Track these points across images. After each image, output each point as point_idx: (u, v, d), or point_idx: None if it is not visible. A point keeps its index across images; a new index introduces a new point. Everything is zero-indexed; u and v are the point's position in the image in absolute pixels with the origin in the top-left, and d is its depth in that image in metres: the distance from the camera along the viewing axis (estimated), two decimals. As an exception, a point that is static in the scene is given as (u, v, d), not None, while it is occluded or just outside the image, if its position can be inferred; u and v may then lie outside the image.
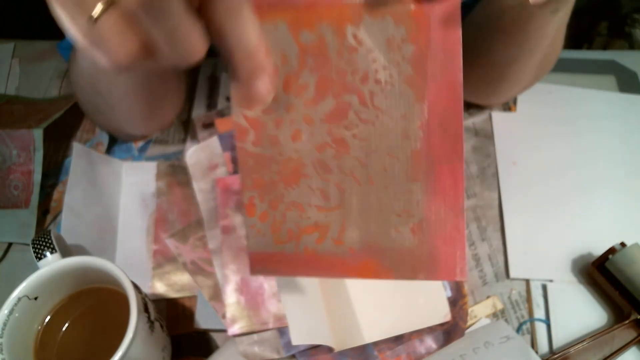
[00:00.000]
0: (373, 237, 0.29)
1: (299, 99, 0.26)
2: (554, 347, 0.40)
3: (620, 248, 0.41)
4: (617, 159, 0.51)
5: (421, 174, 0.27)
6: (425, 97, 0.25)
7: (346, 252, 0.29)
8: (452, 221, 0.27)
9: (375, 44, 0.25)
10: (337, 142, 0.27)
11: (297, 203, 0.28)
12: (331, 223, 0.29)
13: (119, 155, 0.53)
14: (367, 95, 0.26)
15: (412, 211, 0.27)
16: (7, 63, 0.64)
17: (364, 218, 0.28)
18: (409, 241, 0.28)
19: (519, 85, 0.48)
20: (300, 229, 0.29)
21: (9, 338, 0.32)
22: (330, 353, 0.39)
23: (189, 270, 0.44)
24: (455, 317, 0.40)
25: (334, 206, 0.28)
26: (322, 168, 0.28)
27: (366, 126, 0.26)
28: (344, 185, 0.28)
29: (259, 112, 0.27)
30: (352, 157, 0.27)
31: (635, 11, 0.90)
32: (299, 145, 0.27)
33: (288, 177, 0.28)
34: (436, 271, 0.28)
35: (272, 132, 0.27)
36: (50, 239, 0.36)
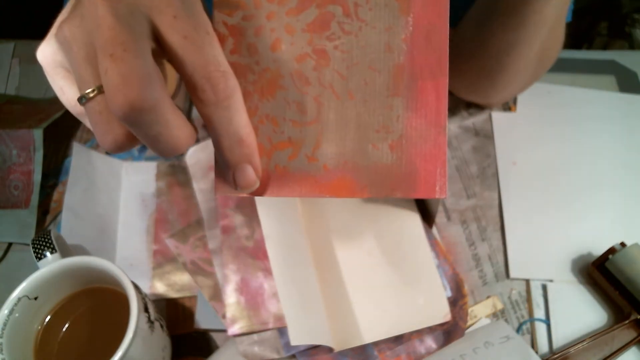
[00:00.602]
0: (349, 153, 0.27)
1: (281, 7, 0.26)
2: (554, 347, 0.40)
3: (620, 248, 0.41)
4: (617, 159, 0.51)
5: (403, 89, 0.26)
6: (411, 10, 0.25)
7: (320, 169, 0.28)
8: (433, 138, 0.26)
9: None
10: (317, 53, 0.26)
11: (271, 116, 0.27)
12: (306, 138, 0.27)
13: (119, 155, 0.53)
14: (351, 6, 0.25)
15: (391, 127, 0.27)
16: (7, 63, 0.64)
17: (340, 133, 0.27)
18: (387, 158, 0.27)
19: (518, 79, 0.47)
20: (272, 145, 0.27)
21: (9, 338, 0.32)
22: (330, 353, 0.39)
23: (189, 270, 0.44)
24: (455, 317, 0.40)
25: (310, 120, 0.27)
26: (301, 80, 0.27)
27: (349, 38, 0.26)
28: (321, 99, 0.27)
29: (239, 18, 0.26)
30: (332, 69, 0.26)
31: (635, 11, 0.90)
32: (278, 54, 0.26)
33: (264, 88, 0.27)
34: (415, 188, 0.27)
35: (251, 40, 0.26)
36: (50, 239, 0.36)
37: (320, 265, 0.43)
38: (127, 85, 0.19)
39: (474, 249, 0.46)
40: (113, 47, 0.19)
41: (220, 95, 0.21)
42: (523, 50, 0.42)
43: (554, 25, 0.41)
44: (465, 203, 0.48)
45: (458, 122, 0.53)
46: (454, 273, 0.42)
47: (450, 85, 0.54)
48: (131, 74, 0.19)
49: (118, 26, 0.19)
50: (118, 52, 0.19)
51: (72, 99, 0.23)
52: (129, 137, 0.22)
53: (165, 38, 0.20)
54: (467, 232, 0.47)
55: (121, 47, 0.19)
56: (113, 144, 0.21)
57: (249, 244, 0.44)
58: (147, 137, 0.21)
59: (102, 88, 0.20)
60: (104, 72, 0.19)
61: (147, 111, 0.19)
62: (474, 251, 0.46)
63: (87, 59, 0.21)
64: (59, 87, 0.23)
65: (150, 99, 0.19)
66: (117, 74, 0.19)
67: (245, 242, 0.44)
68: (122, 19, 0.20)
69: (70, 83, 0.23)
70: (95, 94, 0.21)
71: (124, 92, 0.19)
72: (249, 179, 0.24)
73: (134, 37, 0.19)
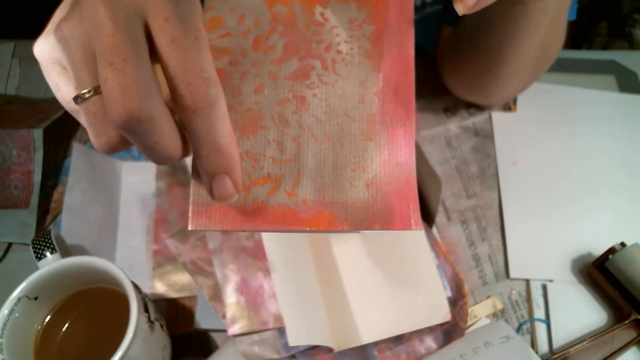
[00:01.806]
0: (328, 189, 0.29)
1: (266, 57, 0.28)
2: (554, 347, 0.40)
3: (620, 248, 0.41)
4: (617, 159, 0.51)
5: (375, 134, 0.28)
6: (381, 68, 0.28)
7: (299, 204, 0.29)
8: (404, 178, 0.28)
9: (339, 22, 0.28)
10: (297, 98, 0.28)
11: (251, 153, 0.28)
12: (285, 174, 0.29)
13: (119, 155, 0.53)
14: (329, 62, 0.28)
15: (366, 167, 0.28)
16: (7, 63, 0.64)
17: (319, 171, 0.29)
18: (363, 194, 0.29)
19: (519, 75, 0.47)
20: (251, 180, 0.28)
21: (9, 338, 0.32)
22: (330, 353, 0.39)
23: (189, 270, 0.44)
24: (455, 317, 0.40)
25: (290, 159, 0.29)
26: (281, 121, 0.28)
27: (326, 87, 0.28)
28: (300, 140, 0.29)
29: (226, 63, 0.28)
30: (311, 114, 0.28)
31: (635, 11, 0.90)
32: (261, 97, 0.28)
33: (245, 127, 0.28)
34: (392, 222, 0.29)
35: (235, 83, 0.28)
36: (50, 239, 0.36)
37: (320, 265, 0.43)
38: (126, 96, 0.19)
39: (474, 249, 0.46)
40: (113, 56, 0.19)
41: (200, 103, 0.21)
42: (524, 43, 0.42)
43: (554, 18, 0.41)
44: (465, 203, 0.48)
45: (458, 122, 0.53)
46: (454, 273, 0.42)
47: (451, 84, 0.54)
48: (130, 85, 0.19)
49: (117, 34, 0.20)
50: (118, 61, 0.19)
51: (67, 96, 0.23)
52: (122, 141, 0.22)
53: (155, 40, 0.21)
54: (467, 232, 0.47)
55: (121, 57, 0.19)
56: (106, 145, 0.22)
57: (249, 244, 0.44)
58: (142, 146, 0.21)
59: (99, 89, 0.21)
60: (104, 80, 0.19)
61: (144, 122, 0.20)
62: (474, 251, 0.46)
63: (84, 60, 0.21)
64: (54, 83, 0.23)
65: (148, 111, 0.20)
66: (116, 85, 0.19)
67: (245, 242, 0.44)
68: (120, 24, 0.20)
69: (66, 80, 0.23)
70: (92, 94, 0.21)
71: (122, 103, 0.19)
72: (227, 190, 0.23)
73: (133, 47, 0.20)
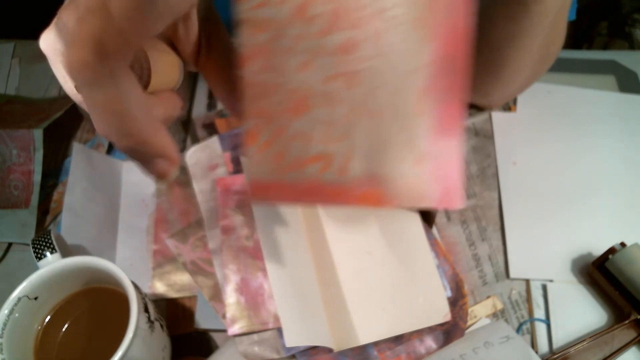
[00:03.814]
0: (377, 167, 0.29)
1: (309, 29, 0.26)
2: (554, 347, 0.40)
3: (620, 248, 0.41)
4: (617, 159, 0.51)
5: (426, 110, 0.27)
6: (434, 37, 0.26)
7: (350, 181, 0.29)
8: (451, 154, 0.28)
9: None
10: (345, 74, 0.27)
11: (302, 132, 0.28)
12: (336, 153, 0.29)
13: (119, 155, 0.53)
14: (378, 32, 0.26)
15: (414, 144, 0.28)
16: (7, 63, 0.64)
17: (368, 149, 0.29)
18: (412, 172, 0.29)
19: (520, 74, 0.47)
20: (304, 159, 0.29)
21: (9, 338, 0.32)
22: (330, 353, 0.39)
23: (189, 270, 0.44)
24: (455, 317, 0.40)
25: (340, 136, 0.28)
26: (329, 99, 0.27)
27: (375, 61, 0.26)
28: (349, 117, 0.28)
29: (267, 38, 0.26)
30: (359, 90, 0.27)
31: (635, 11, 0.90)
32: (307, 75, 0.27)
33: (294, 107, 0.28)
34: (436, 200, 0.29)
35: (279, 60, 0.27)
36: (50, 239, 0.36)
37: (320, 265, 0.43)
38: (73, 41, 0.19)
39: (474, 249, 0.46)
40: None
41: None
42: (525, 43, 0.42)
43: (555, 18, 0.41)
44: (465, 203, 0.48)
45: (458, 122, 0.53)
46: (454, 273, 0.42)
47: None
48: None
49: None
50: None
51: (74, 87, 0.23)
52: None
53: None
54: (467, 232, 0.47)
55: None
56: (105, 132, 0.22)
57: (249, 244, 0.44)
58: None
59: None
60: None
61: None
62: (474, 251, 0.46)
63: None
64: (62, 75, 0.23)
65: None
66: None
67: (245, 242, 0.44)
68: None
69: None
70: None
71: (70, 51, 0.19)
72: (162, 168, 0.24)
73: None
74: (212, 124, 0.55)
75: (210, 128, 0.55)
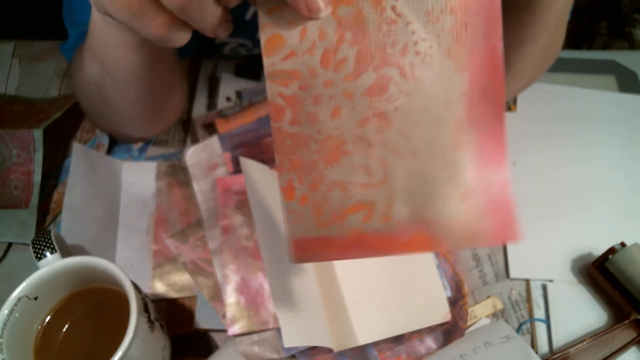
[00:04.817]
0: (421, 209, 0.27)
1: (338, 74, 0.26)
2: (554, 347, 0.40)
3: (620, 248, 0.41)
4: (617, 159, 0.51)
5: (465, 143, 0.26)
6: (466, 67, 0.24)
7: (394, 228, 0.28)
8: (499, 185, 0.26)
9: (414, 16, 0.24)
10: (378, 115, 0.26)
11: (339, 182, 0.27)
12: (377, 200, 0.27)
13: (119, 155, 0.53)
14: (407, 68, 0.25)
15: (458, 180, 0.26)
16: (7, 63, 0.64)
17: (410, 191, 0.27)
18: (458, 210, 0.27)
19: (522, 76, 0.47)
20: (344, 209, 0.28)
21: (9, 338, 0.32)
22: (330, 353, 0.39)
23: (189, 270, 0.44)
24: (455, 317, 0.40)
25: (378, 182, 0.27)
26: (364, 143, 0.27)
27: (408, 98, 0.26)
28: (387, 160, 0.27)
29: (296, 88, 0.26)
30: (394, 130, 0.26)
31: (635, 11, 0.90)
32: (339, 121, 0.26)
33: (328, 155, 0.27)
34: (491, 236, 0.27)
35: (310, 110, 0.26)
36: (50, 239, 0.36)
37: (320, 265, 0.43)
38: None
39: (474, 248, 0.46)
40: None
41: None
42: (529, 48, 0.42)
43: (557, 24, 0.41)
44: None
45: (458, 122, 0.53)
46: (454, 273, 0.42)
47: None
48: None
49: None
50: None
51: None
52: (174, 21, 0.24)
53: None
54: (467, 232, 0.47)
55: None
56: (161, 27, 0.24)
57: (249, 244, 0.44)
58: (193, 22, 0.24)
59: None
60: None
61: None
62: (474, 251, 0.46)
63: None
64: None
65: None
66: None
67: (245, 242, 0.44)
68: None
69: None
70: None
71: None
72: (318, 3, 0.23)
73: None
74: (212, 124, 0.55)
75: (210, 128, 0.54)
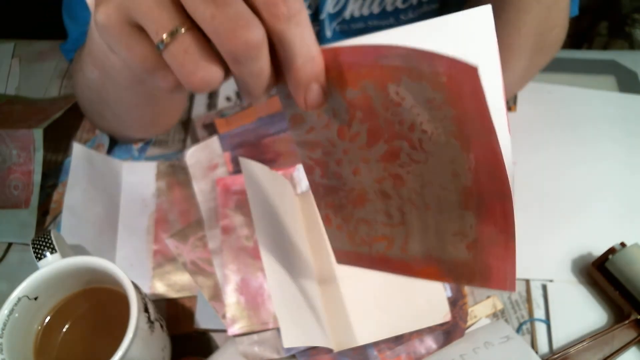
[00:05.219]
0: (433, 250, 0.32)
1: (353, 144, 0.28)
2: (554, 347, 0.40)
3: (620, 248, 0.41)
4: (617, 159, 0.51)
5: (472, 205, 0.28)
6: (471, 149, 0.26)
7: (410, 258, 0.33)
8: (503, 242, 0.29)
9: (417, 101, 0.25)
10: (393, 176, 0.29)
11: (366, 219, 0.32)
12: (396, 236, 0.32)
13: (119, 155, 0.53)
14: (416, 141, 0.27)
15: (466, 232, 0.30)
16: (7, 63, 0.64)
17: (423, 235, 0.31)
18: (464, 255, 0.31)
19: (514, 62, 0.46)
20: (371, 238, 0.33)
21: (9, 338, 0.32)
22: (330, 353, 0.39)
23: (189, 270, 0.44)
24: (455, 317, 0.40)
25: (397, 223, 0.32)
26: (383, 195, 0.31)
27: (418, 165, 0.28)
28: (403, 209, 0.31)
29: (321, 154, 0.29)
30: (408, 188, 0.29)
31: (635, 11, 0.90)
32: (360, 178, 0.30)
33: (354, 201, 0.32)
34: (488, 281, 0.31)
35: (334, 169, 0.30)
36: (50, 239, 0.36)
37: (319, 265, 0.43)
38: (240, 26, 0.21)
39: (474, 249, 0.46)
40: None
41: (292, 10, 0.22)
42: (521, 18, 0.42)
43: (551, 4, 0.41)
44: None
45: (458, 122, 0.53)
46: (454, 273, 0.42)
47: None
48: (240, 15, 0.21)
49: None
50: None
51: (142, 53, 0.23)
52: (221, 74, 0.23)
53: None
54: (467, 232, 0.47)
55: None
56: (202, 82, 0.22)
57: (249, 244, 0.44)
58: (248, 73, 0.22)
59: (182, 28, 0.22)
60: (210, 17, 0.21)
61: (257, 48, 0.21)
62: (474, 251, 0.46)
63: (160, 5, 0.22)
64: (125, 45, 0.23)
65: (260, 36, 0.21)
66: (226, 18, 0.21)
67: (245, 242, 0.44)
68: None
69: (137, 38, 0.23)
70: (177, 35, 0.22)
71: (239, 33, 0.21)
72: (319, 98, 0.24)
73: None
74: (212, 124, 0.55)
75: (210, 128, 0.55)
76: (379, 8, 0.52)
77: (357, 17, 0.53)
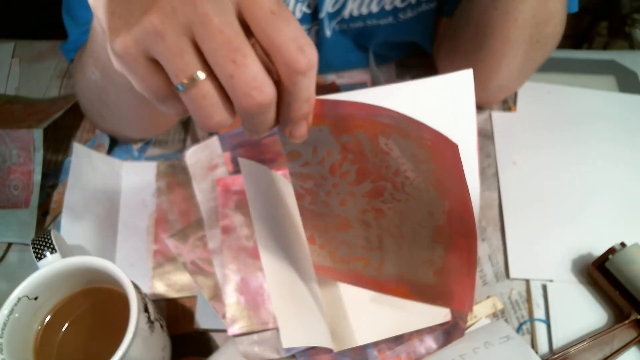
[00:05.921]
0: (404, 273, 0.36)
1: (343, 180, 0.32)
2: (554, 347, 0.40)
3: (620, 248, 0.41)
4: (617, 159, 0.51)
5: (442, 240, 0.33)
6: (446, 197, 0.30)
7: (384, 278, 0.37)
8: (465, 271, 0.33)
9: (403, 154, 0.28)
10: (375, 210, 0.33)
11: (346, 242, 0.36)
12: (372, 258, 0.37)
13: (119, 155, 0.53)
14: (399, 184, 0.31)
15: (434, 261, 0.34)
16: (7, 63, 0.64)
17: (397, 260, 0.36)
18: (431, 280, 0.35)
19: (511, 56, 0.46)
20: (350, 258, 0.38)
21: (9, 338, 0.32)
22: (330, 353, 0.39)
23: (189, 270, 0.44)
24: (455, 317, 0.40)
25: (375, 248, 0.36)
26: (365, 224, 0.35)
27: (399, 203, 0.32)
28: (382, 237, 0.35)
29: (312, 185, 0.33)
30: (388, 220, 0.33)
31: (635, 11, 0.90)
32: (345, 208, 0.34)
33: (338, 226, 0.35)
34: (450, 303, 0.37)
35: (323, 199, 0.34)
36: (50, 239, 0.36)
37: (320, 265, 0.43)
38: (255, 89, 0.22)
39: (474, 249, 0.46)
40: (232, 53, 0.21)
41: (312, 62, 0.23)
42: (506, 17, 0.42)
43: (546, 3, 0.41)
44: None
45: (458, 122, 0.53)
46: (454, 273, 0.43)
47: None
48: (255, 78, 0.22)
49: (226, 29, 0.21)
50: (239, 58, 0.21)
51: (156, 85, 0.24)
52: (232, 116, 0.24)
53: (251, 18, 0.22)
54: (467, 232, 0.47)
55: (240, 54, 0.21)
56: (217, 125, 0.24)
57: (249, 244, 0.44)
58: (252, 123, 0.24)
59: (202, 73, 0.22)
60: (229, 76, 0.22)
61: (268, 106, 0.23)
62: (474, 251, 0.46)
63: (184, 50, 0.22)
64: (140, 76, 0.24)
65: (272, 96, 0.23)
66: (243, 80, 0.22)
67: (245, 242, 0.44)
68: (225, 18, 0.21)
69: (152, 72, 0.23)
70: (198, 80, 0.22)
71: (253, 95, 0.22)
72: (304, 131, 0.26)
73: (245, 40, 0.22)
74: (212, 124, 0.55)
75: (210, 128, 0.54)
76: (378, 7, 0.52)
77: (356, 16, 0.53)
